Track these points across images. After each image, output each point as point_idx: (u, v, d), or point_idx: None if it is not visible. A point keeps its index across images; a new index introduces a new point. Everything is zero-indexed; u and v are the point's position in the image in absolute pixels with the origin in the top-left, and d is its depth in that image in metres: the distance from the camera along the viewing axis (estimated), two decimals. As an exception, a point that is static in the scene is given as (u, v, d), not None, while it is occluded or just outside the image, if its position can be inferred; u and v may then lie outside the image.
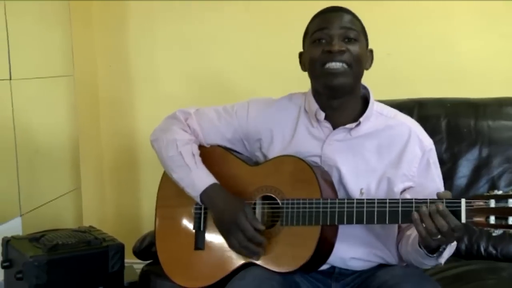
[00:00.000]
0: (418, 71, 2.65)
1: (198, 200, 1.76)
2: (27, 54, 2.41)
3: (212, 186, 1.74)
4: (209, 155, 1.83)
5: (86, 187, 2.87)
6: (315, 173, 1.64)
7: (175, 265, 1.82)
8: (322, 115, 1.72)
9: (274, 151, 1.77)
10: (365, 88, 1.76)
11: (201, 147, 1.85)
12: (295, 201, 1.65)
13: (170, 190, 1.85)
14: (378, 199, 1.58)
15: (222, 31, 2.78)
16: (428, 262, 1.63)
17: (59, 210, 2.64)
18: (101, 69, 2.89)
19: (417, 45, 2.64)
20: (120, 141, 2.93)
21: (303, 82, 1.79)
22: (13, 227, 2.29)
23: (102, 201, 2.97)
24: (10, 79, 2.29)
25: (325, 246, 1.64)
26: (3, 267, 2.10)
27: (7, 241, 2.11)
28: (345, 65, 1.64)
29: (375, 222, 1.57)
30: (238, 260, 1.71)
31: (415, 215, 1.51)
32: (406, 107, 2.18)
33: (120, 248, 2.10)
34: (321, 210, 1.61)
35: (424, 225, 1.50)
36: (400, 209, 1.54)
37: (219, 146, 1.85)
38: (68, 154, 2.74)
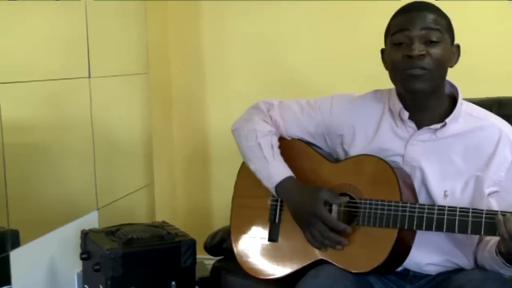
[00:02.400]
0: (497, 69, 2.56)
1: (273, 192, 1.76)
2: (106, 52, 2.46)
3: (287, 179, 1.74)
4: (290, 148, 1.82)
5: (159, 182, 2.90)
6: (396, 175, 1.62)
7: (248, 255, 1.84)
8: (406, 114, 1.68)
9: (355, 148, 1.75)
10: (453, 86, 1.71)
11: (281, 139, 1.84)
12: (374, 202, 1.63)
13: (247, 180, 1.85)
14: (460, 208, 1.53)
15: (294, 29, 2.77)
16: (505, 272, 1.57)
17: (133, 204, 2.69)
18: (175, 67, 2.94)
19: (495, 42, 2.56)
20: (192, 138, 2.97)
21: (378, 80, 1.76)
22: (90, 220, 2.35)
23: (174, 196, 3.01)
24: (89, 77, 2.35)
25: (400, 250, 1.62)
26: (82, 259, 2.16)
27: (85, 234, 2.17)
28: (425, 70, 1.60)
29: (456, 231, 1.53)
30: (310, 256, 1.71)
31: (499, 216, 1.47)
32: (485, 106, 2.07)
33: (192, 244, 2.12)
34: (399, 213, 1.58)
35: (506, 229, 1.45)
36: (483, 220, 1.49)
37: (300, 139, 1.84)
38: (142, 150, 2.79)
